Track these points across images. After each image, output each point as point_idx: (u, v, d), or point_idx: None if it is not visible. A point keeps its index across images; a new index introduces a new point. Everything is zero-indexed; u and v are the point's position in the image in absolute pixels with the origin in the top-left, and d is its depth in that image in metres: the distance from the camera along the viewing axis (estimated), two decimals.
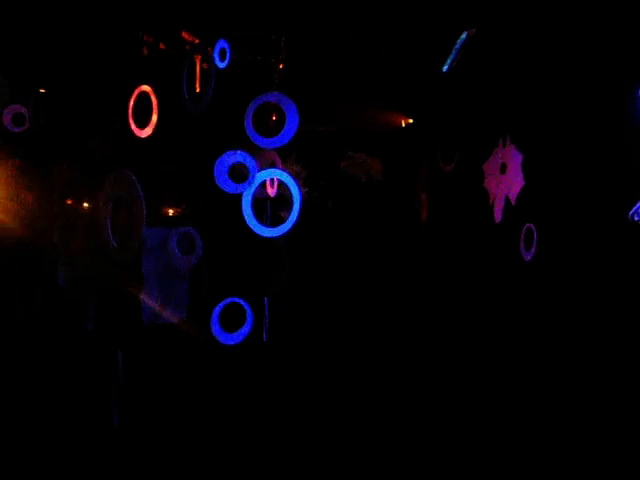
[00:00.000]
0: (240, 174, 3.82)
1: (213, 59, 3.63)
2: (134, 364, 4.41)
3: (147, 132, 4.13)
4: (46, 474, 3.79)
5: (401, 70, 5.05)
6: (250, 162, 3.82)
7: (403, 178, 6.25)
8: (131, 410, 4.22)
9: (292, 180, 3.83)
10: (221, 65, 3.79)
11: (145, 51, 4.62)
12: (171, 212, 4.88)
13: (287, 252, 5.07)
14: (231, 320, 4.08)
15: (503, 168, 4.64)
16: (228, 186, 3.81)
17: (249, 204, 3.80)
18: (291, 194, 3.80)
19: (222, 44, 3.81)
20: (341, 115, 5.92)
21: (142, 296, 4.67)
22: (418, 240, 6.04)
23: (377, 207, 6.13)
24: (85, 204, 4.83)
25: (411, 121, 6.15)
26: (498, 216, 4.72)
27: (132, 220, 3.79)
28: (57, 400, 4.38)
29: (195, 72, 4.07)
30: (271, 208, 4.46)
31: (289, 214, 3.88)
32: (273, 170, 3.96)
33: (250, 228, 3.78)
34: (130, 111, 4.14)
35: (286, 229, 3.84)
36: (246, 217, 3.79)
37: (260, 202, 4.26)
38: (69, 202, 4.84)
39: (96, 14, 4.54)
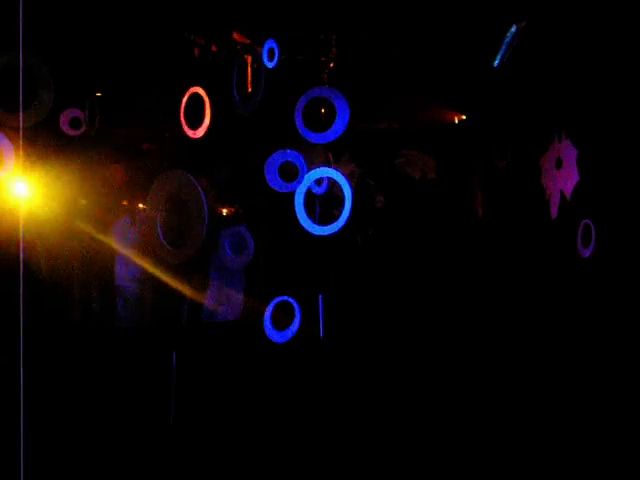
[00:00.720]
0: (291, 173, 3.84)
1: (262, 59, 3.64)
2: (190, 362, 4.47)
3: (200, 133, 4.19)
4: (101, 474, 3.84)
5: (453, 66, 4.99)
6: (300, 161, 3.83)
7: (457, 175, 6.18)
8: (186, 409, 4.26)
9: (343, 178, 3.82)
10: (270, 65, 3.80)
11: (197, 53, 4.69)
12: (225, 212, 4.93)
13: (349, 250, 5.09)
14: (285, 318, 4.10)
15: (559, 163, 4.56)
16: (279, 185, 3.84)
17: (301, 203, 3.81)
18: (342, 192, 3.79)
19: (270, 44, 3.82)
20: (394, 113, 5.90)
21: (199, 294, 4.74)
22: (474, 238, 5.96)
23: (431, 205, 6.07)
24: (140, 205, 4.91)
25: (464, 117, 6.08)
26: (554, 212, 4.64)
27: (190, 220, 3.83)
28: (113, 398, 4.44)
29: (246, 72, 4.11)
30: (322, 206, 4.46)
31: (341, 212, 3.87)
32: (323, 169, 3.95)
33: (302, 226, 3.79)
34: (182, 112, 4.20)
35: (337, 227, 3.83)
36: (298, 215, 3.80)
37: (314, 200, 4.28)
38: (125, 203, 4.93)
39: (149, 17, 4.62)
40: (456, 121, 6.11)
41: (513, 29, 4.44)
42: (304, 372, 4.73)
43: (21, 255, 4.33)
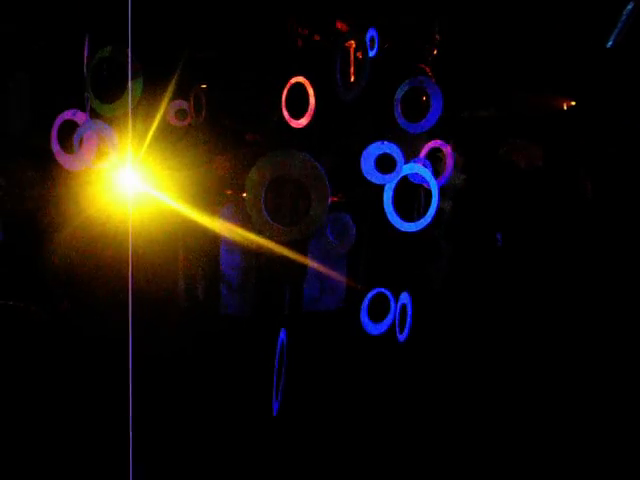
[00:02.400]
0: (389, 164, 3.82)
1: (365, 47, 3.62)
2: (290, 351, 4.50)
3: (302, 123, 4.21)
4: (203, 466, 3.91)
5: (562, 49, 4.81)
6: (397, 153, 3.80)
7: (565, 164, 5.95)
8: (288, 399, 4.28)
9: (429, 173, 3.80)
10: (371, 53, 3.78)
11: (300, 43, 4.70)
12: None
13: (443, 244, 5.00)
14: (381, 311, 4.08)
15: None
16: (375, 177, 3.82)
17: (390, 196, 3.79)
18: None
19: (371, 32, 3.80)
20: (499, 100, 5.74)
21: (304, 282, 4.78)
22: (584, 231, 5.72)
23: (538, 196, 5.88)
24: (244, 194, 4.97)
25: (573, 103, 5.85)
26: None
27: (303, 203, 3.86)
28: (218, 386, 4.51)
29: (349, 61, 4.09)
30: (426, 199, 4.40)
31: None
32: (417, 162, 3.90)
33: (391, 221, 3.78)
34: (284, 102, 4.24)
35: (424, 224, 3.80)
36: (386, 209, 3.79)
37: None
38: (229, 192, 5.01)
39: (253, 8, 4.67)
40: (565, 107, 5.88)
41: (630, 6, 4.23)
42: (394, 366, 4.69)
43: (130, 245, 4.50)
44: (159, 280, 4.99)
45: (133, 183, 4.80)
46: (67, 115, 3.26)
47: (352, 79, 4.14)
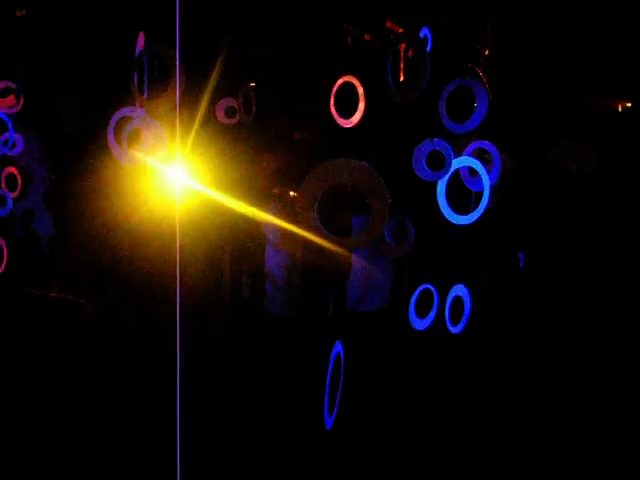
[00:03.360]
0: (439, 162, 3.80)
1: (419, 47, 3.57)
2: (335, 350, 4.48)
3: (352, 122, 4.19)
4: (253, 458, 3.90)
5: (616, 47, 4.71)
6: (447, 150, 3.77)
7: (619, 168, 5.82)
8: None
9: (482, 168, 3.77)
10: (420, 53, 3.75)
11: (350, 41, 4.69)
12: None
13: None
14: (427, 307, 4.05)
15: None
16: (426, 174, 3.80)
17: (443, 192, 3.77)
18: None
19: (424, 31, 3.76)
20: (551, 101, 5.65)
21: (348, 283, 4.77)
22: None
23: (589, 200, 5.76)
24: (291, 193, 4.99)
25: (629, 105, 5.72)
26: None
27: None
28: (264, 385, 4.50)
29: (399, 61, 4.06)
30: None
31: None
32: (466, 158, 3.87)
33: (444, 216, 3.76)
34: (333, 101, 4.23)
35: (474, 218, 3.78)
36: (440, 204, 3.77)
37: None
38: (276, 191, 5.02)
39: (303, 7, 4.67)
40: (620, 109, 5.76)
41: None
42: (443, 364, 4.64)
43: (177, 243, 4.53)
44: (205, 276, 5.03)
45: (181, 179, 4.84)
46: (125, 112, 3.29)
47: (401, 79, 4.11)
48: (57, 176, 5.51)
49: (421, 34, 3.73)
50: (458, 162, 3.82)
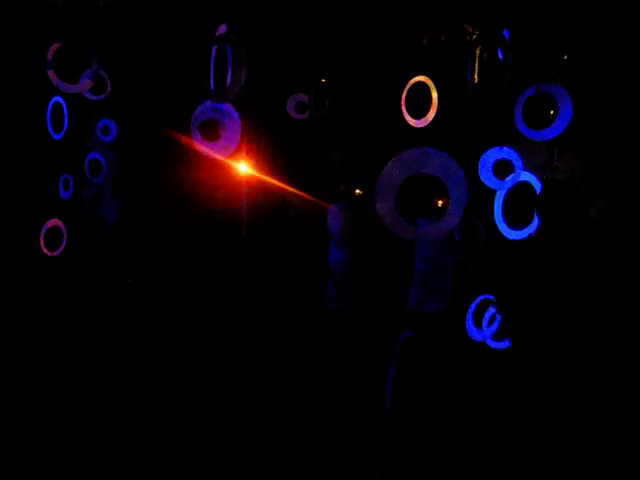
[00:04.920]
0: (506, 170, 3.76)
1: (504, 47, 3.52)
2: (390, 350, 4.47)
3: (423, 122, 4.16)
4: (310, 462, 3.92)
5: None
6: (515, 159, 3.73)
7: None
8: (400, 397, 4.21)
9: (535, 180, 3.73)
10: (501, 56, 3.70)
11: (425, 41, 4.66)
12: (440, 203, 4.86)
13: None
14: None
15: None
16: (491, 182, 3.76)
17: (500, 202, 3.74)
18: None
19: (503, 35, 3.71)
20: (627, 106, 5.51)
21: (410, 284, 4.75)
22: None
23: None
24: (357, 190, 4.98)
25: None
26: None
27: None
28: (321, 380, 4.51)
29: (475, 63, 4.02)
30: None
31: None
32: (518, 172, 3.80)
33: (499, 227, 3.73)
34: (404, 101, 4.20)
35: (528, 232, 3.73)
36: (495, 215, 3.75)
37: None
38: (342, 188, 5.02)
39: (378, 5, 4.66)
40: None
41: None
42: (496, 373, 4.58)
43: (244, 233, 4.57)
44: (268, 269, 5.06)
45: (249, 171, 4.89)
46: (207, 104, 3.33)
47: (476, 81, 4.07)
48: (126, 163, 5.60)
49: (501, 37, 3.69)
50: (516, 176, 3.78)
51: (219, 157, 3.58)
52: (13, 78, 5.37)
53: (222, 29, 3.54)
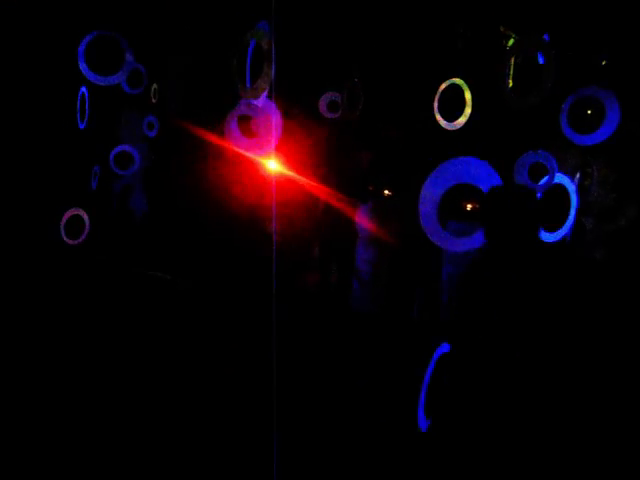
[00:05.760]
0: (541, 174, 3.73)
1: (536, 54, 3.51)
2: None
3: (456, 125, 4.15)
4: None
5: None
6: (551, 163, 3.70)
7: None
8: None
9: (570, 184, 3.70)
10: (541, 60, 3.67)
11: (459, 44, 4.64)
12: (469, 207, 4.84)
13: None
14: None
15: None
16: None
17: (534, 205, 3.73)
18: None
19: (543, 39, 3.68)
20: None
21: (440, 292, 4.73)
22: None
23: None
24: (386, 191, 4.98)
25: None
26: None
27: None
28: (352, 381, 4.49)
29: (510, 66, 4.00)
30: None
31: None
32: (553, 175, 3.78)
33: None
34: (438, 104, 4.19)
35: (560, 236, 3.71)
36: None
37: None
38: (371, 188, 5.01)
39: (413, 6, 4.65)
40: None
41: None
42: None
43: (273, 229, 4.57)
44: (296, 267, 5.07)
45: (278, 168, 4.90)
46: (246, 100, 3.32)
47: (510, 85, 4.05)
48: (157, 156, 5.63)
49: (540, 41, 3.66)
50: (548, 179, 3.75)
51: (253, 154, 3.58)
52: (47, 69, 5.41)
53: (260, 25, 3.54)
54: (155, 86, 4.94)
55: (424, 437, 3.50)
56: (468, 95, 4.06)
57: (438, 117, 4.23)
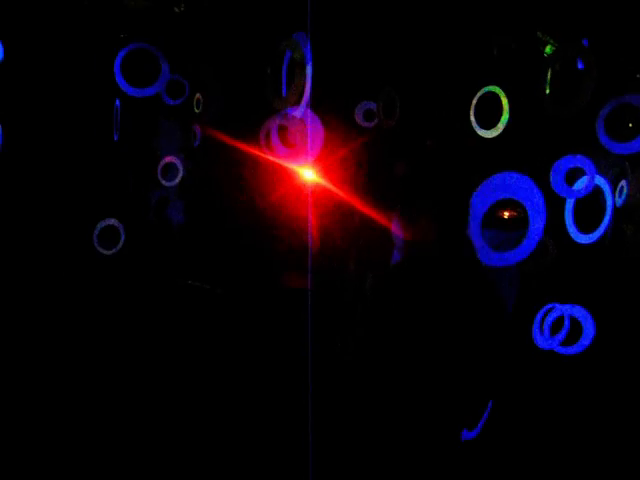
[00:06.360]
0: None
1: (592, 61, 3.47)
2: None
3: (492, 134, 4.12)
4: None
5: None
6: (589, 168, 3.66)
7: None
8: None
9: (607, 186, 3.66)
10: (580, 66, 3.65)
11: (495, 51, 4.62)
12: (506, 215, 4.81)
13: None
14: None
15: None
16: (563, 190, 3.71)
17: (571, 209, 3.68)
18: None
19: (581, 45, 3.66)
20: None
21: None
22: None
23: None
24: (422, 201, 4.95)
25: None
26: None
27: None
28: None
29: (547, 73, 3.97)
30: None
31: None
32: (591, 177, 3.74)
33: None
34: (474, 111, 4.16)
35: (596, 237, 3.67)
36: (566, 222, 3.70)
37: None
38: (407, 198, 4.99)
39: (446, 14, 4.64)
40: None
41: None
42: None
43: (309, 240, 4.57)
44: (331, 277, 5.07)
45: (314, 178, 4.91)
46: (285, 111, 3.34)
47: (547, 92, 4.02)
48: (193, 166, 5.67)
49: (578, 48, 3.63)
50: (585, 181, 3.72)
51: (291, 164, 3.60)
52: (87, 80, 5.50)
53: (297, 36, 3.55)
54: (198, 96, 4.99)
55: (467, 447, 3.50)
56: (505, 102, 4.04)
57: (475, 125, 4.21)
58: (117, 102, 4.77)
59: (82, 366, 4.58)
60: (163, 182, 5.04)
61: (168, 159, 4.97)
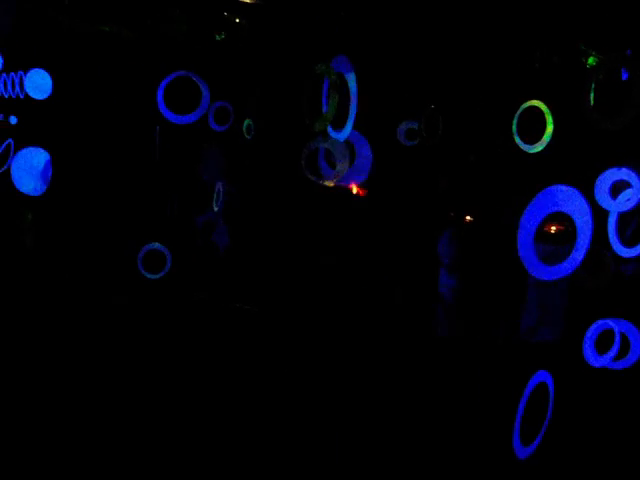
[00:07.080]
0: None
1: (620, 70, 3.45)
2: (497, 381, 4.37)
3: (535, 149, 4.09)
4: None
5: None
6: (635, 180, 3.61)
7: None
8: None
9: None
10: (624, 77, 3.62)
11: (537, 65, 4.60)
12: (553, 229, 4.76)
13: None
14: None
15: None
16: (607, 203, 3.66)
17: (614, 221, 3.62)
18: None
19: (625, 55, 3.62)
20: None
21: (521, 310, 4.66)
22: None
23: None
24: (467, 217, 4.95)
25: None
26: None
27: None
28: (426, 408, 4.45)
29: (591, 85, 3.93)
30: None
31: None
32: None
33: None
34: (517, 126, 4.14)
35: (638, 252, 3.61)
36: (609, 234, 3.65)
37: None
38: (452, 214, 5.00)
39: (490, 30, 4.64)
40: None
41: None
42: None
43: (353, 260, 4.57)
44: (374, 295, 5.08)
45: (357, 197, 4.94)
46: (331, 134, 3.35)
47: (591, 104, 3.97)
48: (237, 190, 5.74)
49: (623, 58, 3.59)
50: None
51: (338, 185, 3.61)
52: (132, 109, 5.63)
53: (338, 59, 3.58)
54: (249, 122, 5.04)
55: (523, 466, 3.43)
56: (549, 116, 4.01)
57: (518, 140, 4.19)
58: (158, 128, 4.85)
59: (129, 389, 4.63)
60: (215, 208, 5.10)
61: (219, 185, 5.03)
